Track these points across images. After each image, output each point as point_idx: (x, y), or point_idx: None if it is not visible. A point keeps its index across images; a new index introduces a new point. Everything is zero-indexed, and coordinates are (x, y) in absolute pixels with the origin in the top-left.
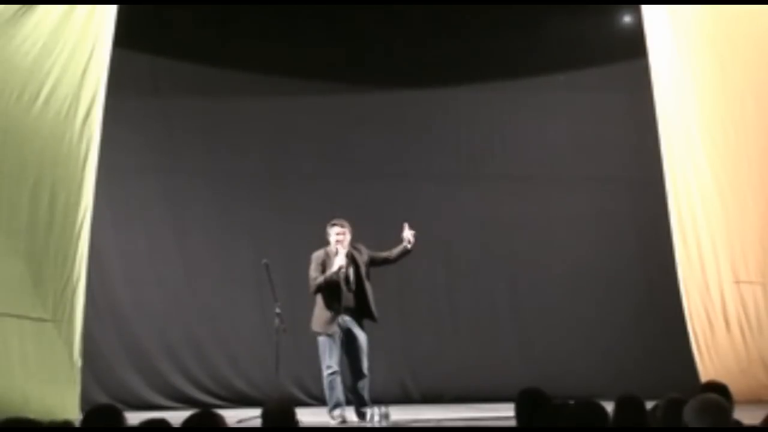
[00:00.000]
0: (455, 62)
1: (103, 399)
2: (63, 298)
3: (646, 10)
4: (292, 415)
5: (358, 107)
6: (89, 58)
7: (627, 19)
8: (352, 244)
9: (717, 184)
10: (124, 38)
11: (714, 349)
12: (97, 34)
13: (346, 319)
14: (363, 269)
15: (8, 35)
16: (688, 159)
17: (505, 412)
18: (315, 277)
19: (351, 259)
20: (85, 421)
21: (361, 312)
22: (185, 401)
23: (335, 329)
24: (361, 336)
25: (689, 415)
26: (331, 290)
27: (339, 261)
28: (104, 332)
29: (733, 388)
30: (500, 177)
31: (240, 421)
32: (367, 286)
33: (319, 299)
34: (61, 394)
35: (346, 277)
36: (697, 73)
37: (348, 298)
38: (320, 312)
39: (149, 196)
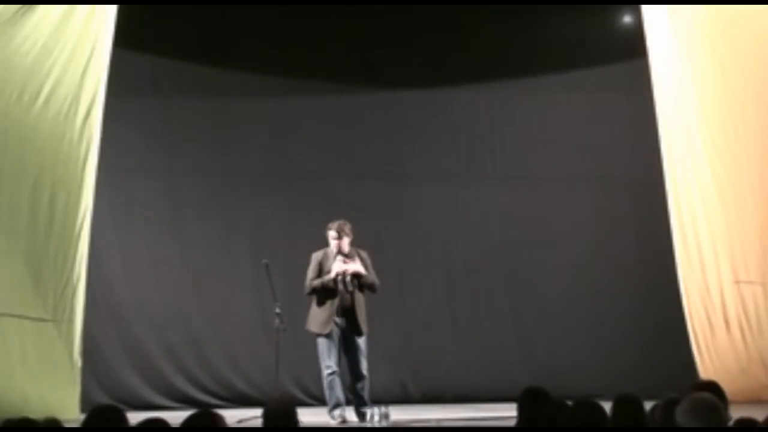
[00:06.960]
0: (455, 62)
1: (103, 399)
2: (63, 298)
3: (646, 10)
4: (294, 414)
5: (358, 107)
6: (89, 58)
7: (627, 19)
8: (357, 250)
9: (717, 184)
10: (124, 38)
11: (714, 349)
12: (97, 34)
13: (344, 320)
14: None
15: (8, 35)
16: (688, 159)
17: (505, 412)
18: (311, 278)
19: (351, 259)
20: (87, 421)
21: (357, 314)
22: (185, 401)
23: (332, 329)
24: (360, 337)
25: (681, 416)
26: (328, 290)
27: (336, 268)
28: (104, 332)
29: (733, 388)
30: (500, 177)
31: (240, 421)
32: (359, 296)
33: (316, 299)
34: (61, 394)
35: (343, 279)
36: (697, 73)
37: (345, 298)
38: (317, 312)
39: (149, 196)
